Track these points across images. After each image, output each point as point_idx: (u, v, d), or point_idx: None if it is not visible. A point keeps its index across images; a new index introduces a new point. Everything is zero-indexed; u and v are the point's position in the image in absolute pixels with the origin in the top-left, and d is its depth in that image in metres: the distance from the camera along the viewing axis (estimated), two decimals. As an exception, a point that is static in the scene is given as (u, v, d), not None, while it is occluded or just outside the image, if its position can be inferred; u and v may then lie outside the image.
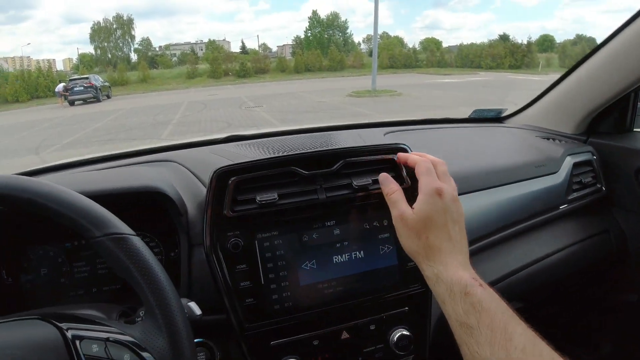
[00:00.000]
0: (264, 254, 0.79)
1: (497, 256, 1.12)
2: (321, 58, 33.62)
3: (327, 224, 0.83)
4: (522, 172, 1.19)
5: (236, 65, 31.65)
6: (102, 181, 0.85)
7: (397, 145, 0.89)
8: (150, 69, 33.78)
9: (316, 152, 0.86)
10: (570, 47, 31.28)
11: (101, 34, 40.39)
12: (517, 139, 1.43)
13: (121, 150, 1.28)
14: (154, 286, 0.55)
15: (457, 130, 1.50)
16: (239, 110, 12.96)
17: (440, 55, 35.24)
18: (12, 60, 44.00)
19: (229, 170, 0.79)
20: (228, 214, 0.78)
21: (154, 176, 0.88)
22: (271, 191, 0.80)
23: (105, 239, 0.56)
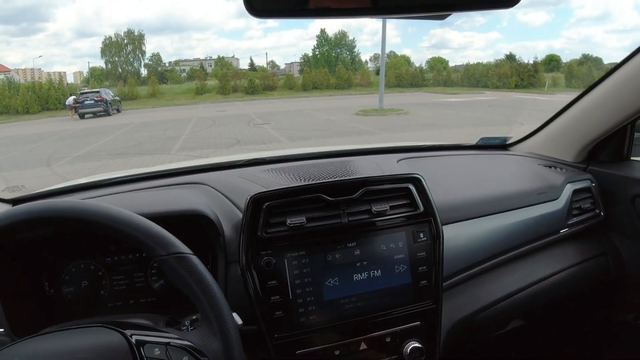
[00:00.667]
0: (292, 272, 0.89)
1: (502, 276, 1.21)
2: (329, 76, 33.91)
3: (349, 245, 0.93)
4: (526, 199, 1.29)
5: (245, 82, 31.99)
6: (150, 204, 0.95)
7: (411, 175, 1.00)
8: (159, 84, 34.20)
9: (340, 181, 0.97)
10: (576, 67, 31.38)
11: (112, 48, 41.06)
12: (521, 167, 1.53)
13: (147, 169, 1.38)
14: (211, 298, 0.65)
15: (464, 158, 1.60)
16: (247, 127, 13.10)
17: (447, 74, 35.48)
18: (23, 71, 44.69)
19: (263, 196, 0.90)
20: (262, 235, 0.89)
21: (195, 200, 0.99)
22: (300, 215, 0.91)
23: (170, 257, 0.66)
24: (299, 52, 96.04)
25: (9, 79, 29.30)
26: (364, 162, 1.29)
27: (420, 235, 0.97)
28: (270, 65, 51.54)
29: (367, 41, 75.82)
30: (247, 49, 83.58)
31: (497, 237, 1.20)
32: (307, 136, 10.74)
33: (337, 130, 11.79)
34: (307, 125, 13.07)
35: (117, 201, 1.05)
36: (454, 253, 1.09)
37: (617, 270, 1.45)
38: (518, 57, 33.67)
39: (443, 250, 0.99)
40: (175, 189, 1.18)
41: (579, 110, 1.48)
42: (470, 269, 1.14)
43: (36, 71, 45.58)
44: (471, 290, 1.16)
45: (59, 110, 23.98)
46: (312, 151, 1.57)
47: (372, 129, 11.44)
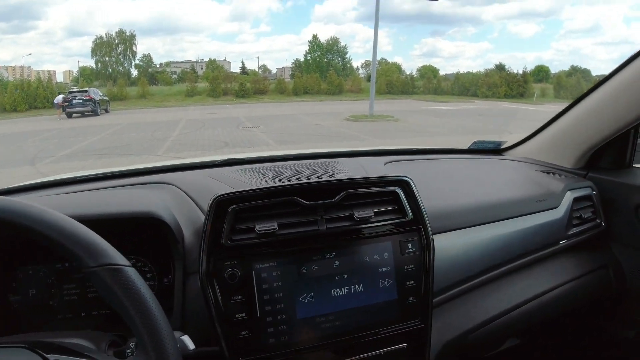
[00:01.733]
0: (260, 285, 0.77)
1: (496, 292, 1.10)
2: (320, 81, 33.87)
3: (327, 256, 0.81)
4: (523, 207, 1.19)
5: (235, 85, 31.81)
6: (97, 205, 0.83)
7: (399, 178, 0.88)
8: (150, 85, 33.90)
9: (318, 182, 0.85)
10: (565, 78, 31.77)
11: (103, 48, 40.60)
12: (517, 173, 1.43)
13: (115, 169, 1.26)
14: (147, 321, 0.53)
15: (457, 162, 1.50)
16: (237, 130, 12.97)
17: (437, 82, 35.60)
18: (12, 69, 44.14)
19: (229, 198, 0.78)
20: (226, 243, 0.77)
21: (151, 201, 0.87)
22: (271, 221, 0.79)
23: (100, 269, 0.54)
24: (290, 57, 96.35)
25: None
26: (348, 164, 1.18)
27: (409, 245, 0.86)
28: (261, 69, 51.55)
29: (359, 48, 76.13)
30: (240, 52, 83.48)
31: (492, 248, 1.09)
32: (296, 140, 10.66)
33: (326, 135, 11.72)
34: (297, 129, 12.98)
35: (65, 201, 0.92)
36: (446, 266, 0.98)
37: (618, 284, 1.36)
38: (508, 67, 34.01)
39: (434, 262, 0.87)
40: (135, 189, 1.06)
41: (578, 113, 1.39)
42: (463, 284, 1.03)
43: (26, 69, 45.05)
44: (464, 307, 1.04)
45: (47, 108, 23.64)
46: (294, 152, 1.46)
47: (362, 135, 11.37)
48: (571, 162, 1.44)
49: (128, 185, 1.11)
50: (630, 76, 1.19)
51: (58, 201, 0.90)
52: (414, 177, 0.91)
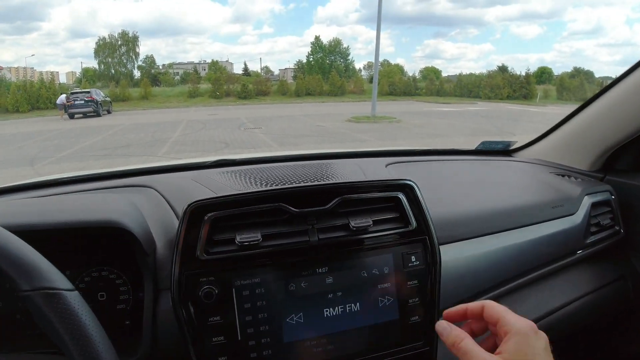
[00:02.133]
0: (242, 305, 0.67)
1: (510, 308, 0.99)
2: (322, 83, 33.79)
3: (319, 271, 0.71)
4: (538, 213, 1.08)
5: (238, 86, 31.76)
6: (54, 211, 0.73)
7: (401, 181, 0.78)
8: (152, 86, 33.91)
9: (308, 186, 0.74)
10: (567, 79, 31.62)
11: (106, 49, 40.64)
12: (530, 175, 1.32)
13: (97, 170, 1.16)
14: (86, 354, 0.44)
15: (464, 164, 1.39)
16: (238, 131, 12.88)
17: (439, 84, 35.50)
18: (15, 70, 44.14)
19: (205, 205, 0.68)
20: (201, 257, 0.67)
21: (118, 207, 0.77)
22: (254, 231, 0.69)
23: (35, 294, 0.44)
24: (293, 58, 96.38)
25: (0, 77, 28.83)
26: (346, 166, 1.08)
27: (412, 258, 0.75)
28: (264, 70, 51.51)
29: (362, 49, 75.98)
30: (242, 54, 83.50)
31: (505, 260, 0.98)
32: (298, 141, 10.57)
33: (328, 136, 11.62)
34: (299, 130, 12.89)
35: (19, 207, 0.81)
36: (452, 281, 0.87)
37: (637, 296, 1.26)
38: (510, 69, 34.01)
39: (440, 277, 0.77)
40: (105, 193, 0.96)
41: (594, 112, 1.29)
42: (470, 301, 0.92)
43: (29, 70, 45.06)
44: None
45: (49, 109, 23.69)
46: (289, 154, 1.36)
47: (364, 136, 11.28)
48: (587, 164, 1.33)
49: (105, 189, 1.02)
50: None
51: (10, 207, 0.80)
52: (419, 181, 0.81)
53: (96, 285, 0.76)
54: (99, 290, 0.76)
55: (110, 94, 26.25)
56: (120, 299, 0.77)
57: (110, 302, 0.77)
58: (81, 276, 0.76)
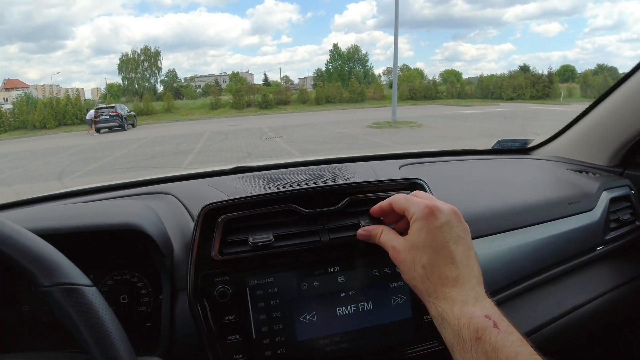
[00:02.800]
0: (256, 304, 0.69)
1: (527, 306, 0.98)
2: (342, 90, 33.89)
3: (330, 270, 0.72)
4: (554, 210, 1.07)
5: (258, 96, 32.15)
6: (75, 216, 0.76)
7: (410, 181, 0.79)
8: (175, 99, 34.61)
9: (318, 187, 0.76)
10: (591, 77, 30.95)
11: (129, 65, 41.75)
12: (546, 172, 1.31)
13: (119, 181, 1.21)
14: (104, 348, 0.46)
15: (479, 163, 1.39)
16: (260, 141, 13.02)
17: (460, 86, 35.13)
18: (42, 87, 45.61)
19: (219, 207, 0.70)
20: (216, 257, 0.69)
21: (136, 211, 0.80)
22: (266, 232, 0.71)
23: (55, 289, 0.47)
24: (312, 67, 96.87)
25: (27, 95, 29.90)
26: (358, 169, 1.09)
27: None
28: (284, 80, 51.96)
29: (380, 55, 75.99)
30: (262, 64, 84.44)
31: (521, 258, 0.97)
32: (319, 149, 10.60)
33: (349, 142, 11.63)
34: (320, 138, 12.94)
35: (37, 214, 0.85)
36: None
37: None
38: (532, 68, 33.42)
39: (453, 275, 0.77)
40: (125, 200, 1.00)
41: (610, 106, 1.27)
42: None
43: (55, 87, 46.51)
44: None
45: (76, 125, 24.44)
46: (305, 159, 1.38)
47: (385, 142, 11.25)
48: (605, 159, 1.31)
49: (126, 196, 1.05)
50: None
51: (36, 214, 0.84)
52: (432, 180, 0.82)
53: (118, 288, 0.79)
54: (121, 292, 0.79)
55: (134, 108, 26.91)
56: (141, 301, 0.80)
57: (131, 304, 0.79)
58: (104, 279, 0.79)
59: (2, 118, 24.79)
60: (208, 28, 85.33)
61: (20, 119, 25.45)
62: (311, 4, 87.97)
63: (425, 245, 0.56)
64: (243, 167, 1.26)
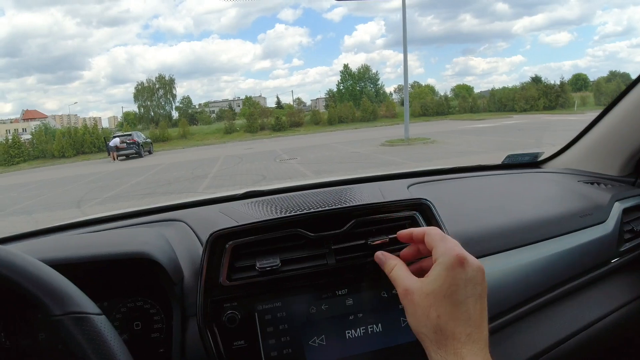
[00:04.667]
0: (265, 329, 0.69)
1: (542, 323, 0.97)
2: (354, 109, 34.10)
3: (338, 293, 0.73)
4: (566, 224, 1.06)
5: (272, 119, 32.53)
6: (87, 246, 0.78)
7: (416, 201, 0.80)
8: (190, 125, 35.18)
9: (322, 211, 0.77)
10: (604, 84, 30.64)
11: (144, 93, 42.67)
12: (557, 185, 1.30)
13: (132, 209, 1.23)
14: None
15: (489, 179, 1.38)
16: (274, 163, 13.10)
17: (472, 100, 35.07)
18: (59, 117, 46.81)
19: (227, 234, 0.72)
20: (224, 283, 0.70)
21: (147, 239, 0.81)
22: (273, 256, 0.72)
23: (65, 318, 0.49)
24: (323, 88, 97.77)
25: (45, 125, 30.73)
26: (366, 189, 1.09)
27: None
28: (296, 102, 52.43)
29: (391, 73, 76.37)
30: (274, 88, 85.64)
31: (534, 274, 0.96)
32: (334, 169, 10.61)
33: (363, 161, 11.63)
34: (334, 158, 12.96)
35: (50, 244, 0.87)
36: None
37: None
38: (544, 79, 33.21)
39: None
40: (137, 228, 1.02)
41: (620, 114, 1.26)
42: (500, 317, 0.90)
43: (72, 117, 47.69)
44: (503, 345, 0.90)
45: (94, 153, 24.96)
46: (315, 182, 1.39)
47: (399, 159, 11.22)
48: (617, 169, 1.30)
49: (140, 224, 1.08)
50: None
51: (48, 245, 0.86)
52: (442, 199, 0.82)
53: (132, 315, 0.80)
54: (135, 319, 0.80)
55: (150, 135, 27.42)
56: (154, 327, 0.81)
57: (145, 331, 0.80)
58: (118, 307, 0.81)
59: (21, 148, 25.54)
60: (221, 55, 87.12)
61: (39, 149, 26.18)
62: (321, 27, 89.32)
63: (446, 295, 0.54)
64: (253, 191, 1.28)
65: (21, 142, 26.17)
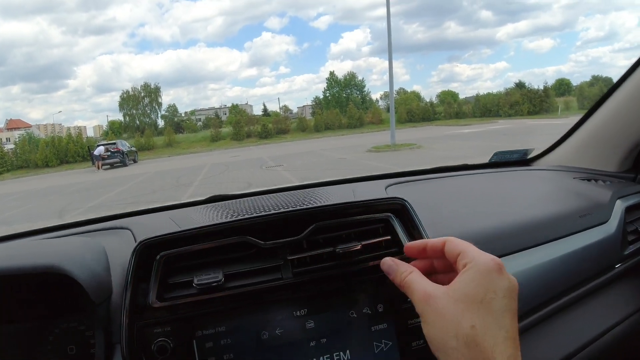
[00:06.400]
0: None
1: (545, 338, 0.84)
2: (340, 116, 34.03)
3: (296, 314, 0.59)
4: (564, 225, 0.94)
5: (258, 127, 32.31)
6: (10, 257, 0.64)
7: (390, 201, 0.67)
8: (176, 133, 34.88)
9: (274, 214, 0.64)
10: (587, 88, 31.02)
11: (130, 102, 42.19)
12: (551, 184, 1.18)
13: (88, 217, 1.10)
14: None
15: (476, 178, 1.26)
16: (260, 170, 12.93)
17: (457, 106, 35.19)
18: (44, 127, 46.10)
19: (157, 243, 0.58)
20: (154, 303, 0.56)
21: (68, 250, 0.67)
22: (215, 270, 0.58)
23: None
24: (310, 95, 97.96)
25: (29, 134, 30.21)
26: (337, 191, 0.96)
27: None
28: (283, 109, 52.33)
29: (377, 80, 76.58)
30: (261, 95, 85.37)
31: (532, 283, 0.83)
32: (320, 175, 10.49)
33: (350, 167, 11.53)
34: (320, 165, 12.85)
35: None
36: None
37: None
38: (528, 84, 33.50)
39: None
40: (68, 238, 0.88)
41: (615, 107, 1.16)
42: None
43: (57, 126, 46.99)
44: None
45: (78, 162, 24.58)
46: (288, 185, 1.26)
47: (386, 165, 11.13)
48: (615, 164, 1.19)
49: (83, 233, 0.94)
50: None
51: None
52: (423, 200, 0.70)
53: (66, 337, 0.67)
54: (69, 343, 0.66)
55: (135, 144, 27.12)
56: (91, 352, 0.67)
57: (80, 356, 0.66)
58: (50, 328, 0.67)
59: (4, 158, 25.02)
60: (207, 63, 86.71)
61: (22, 158, 25.71)
62: (307, 35, 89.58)
63: (483, 301, 0.43)
64: (220, 195, 1.15)
65: (4, 151, 25.66)
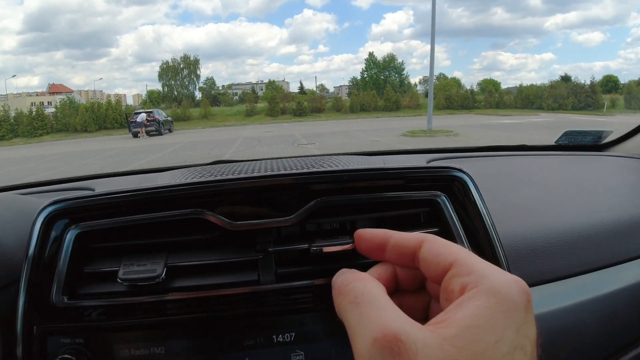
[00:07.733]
0: None
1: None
2: (377, 98, 33.40)
3: (278, 340, 0.38)
4: None
5: (293, 104, 32.12)
6: None
7: (442, 171, 0.44)
8: (212, 106, 35.20)
9: (251, 178, 0.41)
10: (635, 87, 29.34)
11: (169, 72, 42.67)
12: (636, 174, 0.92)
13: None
14: None
15: (538, 161, 1.00)
16: (291, 147, 12.79)
17: (499, 96, 33.90)
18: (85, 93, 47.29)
19: (67, 209, 0.37)
20: (59, 302, 0.36)
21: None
22: (154, 259, 0.37)
23: None
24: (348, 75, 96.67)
25: (70, 99, 31.00)
26: (361, 160, 0.73)
27: None
28: (319, 88, 51.87)
29: (417, 64, 74.67)
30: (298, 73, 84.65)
31: (630, 314, 0.59)
32: (350, 157, 10.27)
33: (382, 149, 11.26)
34: (352, 146, 12.58)
35: None
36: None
37: None
38: (574, 78, 32.00)
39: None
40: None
41: None
42: None
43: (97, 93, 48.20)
44: None
45: (116, 129, 25.22)
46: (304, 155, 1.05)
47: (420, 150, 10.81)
48: None
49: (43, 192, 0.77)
50: None
51: None
52: (480, 179, 0.46)
53: None
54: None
55: (172, 114, 27.56)
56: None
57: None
58: None
59: (44, 121, 25.83)
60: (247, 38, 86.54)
61: (62, 122, 26.51)
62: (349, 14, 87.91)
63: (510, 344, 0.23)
64: (222, 160, 0.98)
65: (45, 114, 26.46)
